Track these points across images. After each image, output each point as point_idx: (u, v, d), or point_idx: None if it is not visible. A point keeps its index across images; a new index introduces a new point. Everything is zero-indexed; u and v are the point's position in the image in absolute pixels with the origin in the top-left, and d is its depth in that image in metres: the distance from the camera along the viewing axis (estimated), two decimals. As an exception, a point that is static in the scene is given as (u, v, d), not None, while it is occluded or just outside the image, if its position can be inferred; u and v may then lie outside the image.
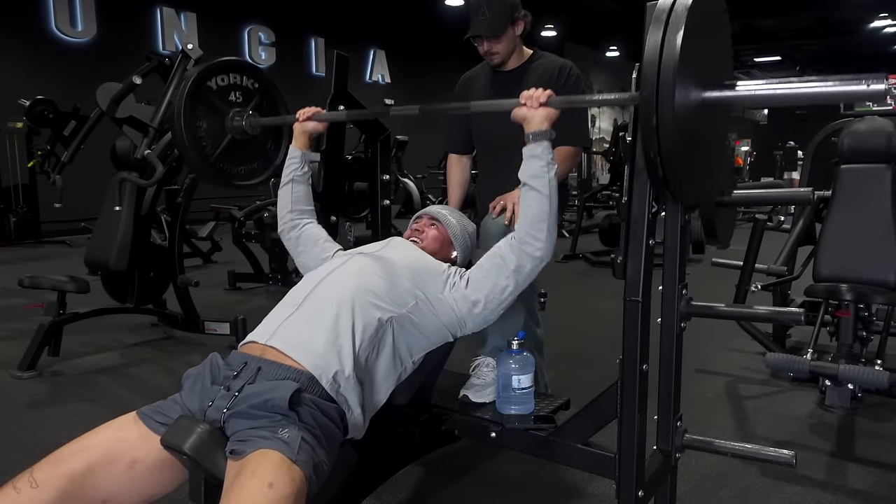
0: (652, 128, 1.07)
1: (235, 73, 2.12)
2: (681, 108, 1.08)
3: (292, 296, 1.53)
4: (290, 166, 1.87)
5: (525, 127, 1.49)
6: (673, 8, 1.11)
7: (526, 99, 1.46)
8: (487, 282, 1.53)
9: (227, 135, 2.09)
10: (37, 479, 1.16)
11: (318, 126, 1.88)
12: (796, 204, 3.16)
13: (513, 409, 1.67)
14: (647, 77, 1.08)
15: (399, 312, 1.48)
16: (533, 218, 1.48)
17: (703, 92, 1.16)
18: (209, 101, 2.03)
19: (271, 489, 1.08)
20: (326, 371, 1.32)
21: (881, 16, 14.74)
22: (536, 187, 1.48)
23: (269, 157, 2.25)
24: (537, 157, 1.48)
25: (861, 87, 1.03)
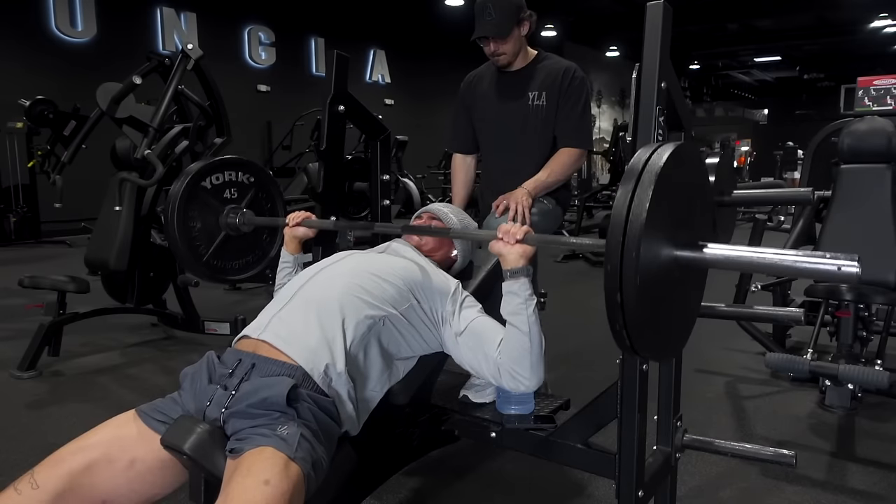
0: (616, 304, 1.04)
1: (231, 171, 2.12)
2: (648, 277, 1.04)
3: (286, 290, 1.54)
4: (283, 271, 1.83)
5: (502, 263, 1.45)
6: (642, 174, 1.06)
7: (503, 234, 1.42)
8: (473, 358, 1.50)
9: (221, 232, 2.09)
10: (37, 481, 1.16)
11: (308, 232, 1.85)
12: (796, 204, 3.16)
13: (513, 409, 1.67)
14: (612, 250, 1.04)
15: (392, 312, 1.46)
16: (515, 355, 1.43)
17: (675, 251, 1.13)
18: (203, 201, 2.04)
19: (267, 486, 1.08)
20: (317, 365, 1.31)
21: (881, 16, 14.75)
22: (516, 324, 1.43)
23: (265, 250, 2.23)
24: (514, 293, 1.43)
25: (832, 268, 1.03)
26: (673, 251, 1.12)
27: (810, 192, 1.86)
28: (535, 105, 2.23)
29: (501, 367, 1.45)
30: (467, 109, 2.40)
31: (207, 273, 2.10)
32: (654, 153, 1.10)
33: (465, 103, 2.41)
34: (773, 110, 25.66)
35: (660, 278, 1.10)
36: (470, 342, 1.51)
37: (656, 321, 1.13)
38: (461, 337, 1.51)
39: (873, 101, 3.32)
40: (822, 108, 19.02)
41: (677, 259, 1.13)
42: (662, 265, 1.10)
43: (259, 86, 11.51)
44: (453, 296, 1.56)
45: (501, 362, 1.45)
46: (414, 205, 7.23)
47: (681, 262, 1.14)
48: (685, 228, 1.17)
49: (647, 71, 1.33)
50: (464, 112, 2.42)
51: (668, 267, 1.12)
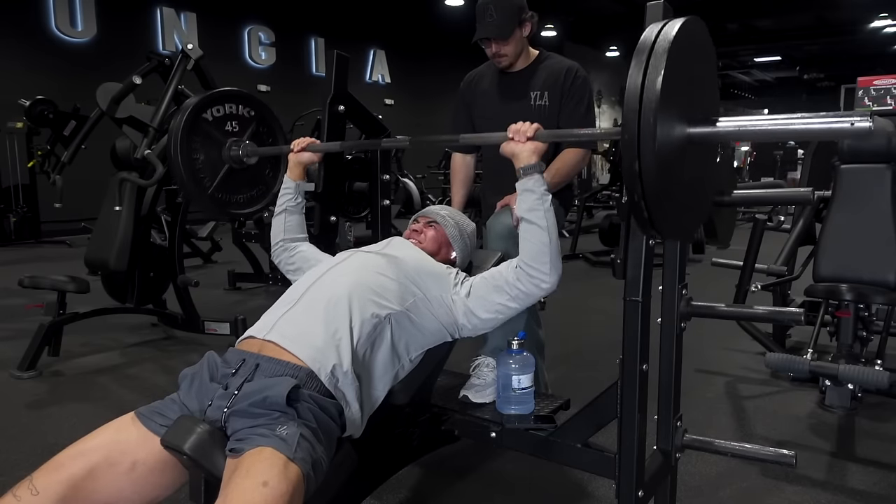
0: (635, 173, 1.05)
1: (231, 103, 2.12)
2: (664, 149, 1.06)
3: (291, 292, 1.54)
4: (284, 196, 1.88)
5: (515, 162, 1.50)
6: (654, 46, 1.08)
7: (513, 133, 1.47)
8: (487, 298, 1.55)
9: (224, 164, 2.09)
10: (37, 486, 1.15)
11: (312, 157, 1.88)
12: (796, 204, 3.16)
13: (513, 409, 1.67)
14: (628, 121, 1.05)
15: (397, 309, 1.48)
16: (534, 252, 1.48)
17: (688, 128, 1.14)
18: (206, 133, 2.04)
19: (266, 487, 1.08)
20: (325, 365, 1.32)
21: (881, 16, 14.75)
22: (533, 220, 1.48)
23: (268, 184, 2.26)
24: (530, 190, 1.48)
25: (845, 125, 1.02)
26: (686, 128, 1.14)
27: (810, 192, 1.86)
28: (537, 105, 2.21)
29: (520, 274, 1.50)
30: (468, 108, 2.39)
31: (212, 206, 2.11)
32: (665, 26, 1.10)
33: (466, 101, 2.39)
34: (773, 110, 25.64)
35: (675, 152, 1.11)
36: (481, 290, 1.56)
37: (672, 194, 1.13)
38: (470, 296, 1.56)
39: (873, 101, 3.33)
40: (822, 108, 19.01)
41: (691, 136, 1.14)
42: (677, 139, 1.11)
43: (259, 86, 11.51)
44: (455, 277, 1.63)
45: (519, 270, 1.50)
46: (414, 205, 7.23)
47: (694, 138, 1.15)
48: (696, 104, 1.18)
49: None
50: (464, 111, 2.40)
51: (682, 143, 1.13)
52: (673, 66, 1.05)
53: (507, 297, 1.53)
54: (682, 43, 1.08)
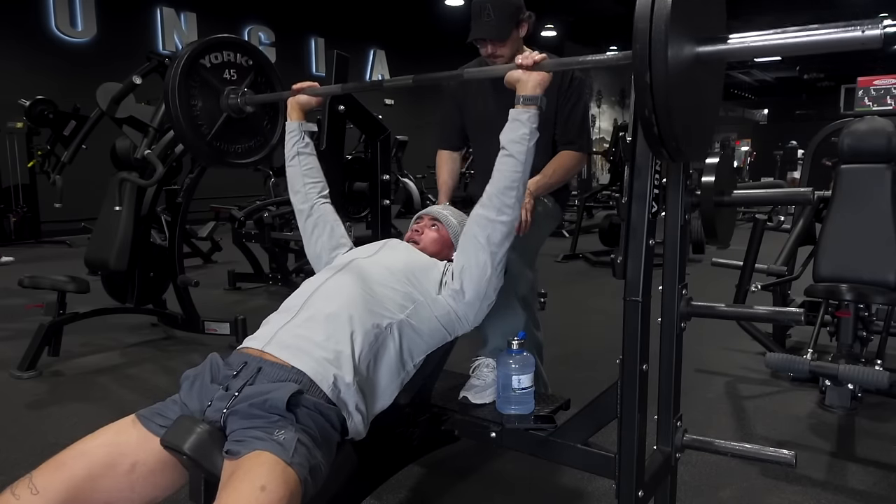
0: (646, 84, 1.05)
1: (229, 51, 2.08)
2: (674, 63, 1.06)
3: (290, 302, 1.53)
4: (291, 140, 1.85)
5: (518, 89, 1.48)
6: None
7: (522, 59, 1.46)
8: (468, 265, 1.54)
9: (222, 113, 2.06)
10: (36, 486, 1.15)
11: (310, 100, 1.85)
12: (796, 204, 3.16)
13: (513, 409, 1.67)
14: (640, 33, 1.05)
15: (399, 318, 1.47)
16: (505, 185, 1.48)
17: (697, 46, 1.13)
18: (203, 79, 2.01)
19: (263, 492, 1.08)
20: (326, 377, 1.31)
21: (881, 15, 14.76)
22: (513, 153, 1.48)
23: (266, 136, 2.22)
24: (522, 122, 1.47)
25: (856, 33, 1.01)
26: (695, 47, 1.13)
27: (810, 192, 1.85)
28: None
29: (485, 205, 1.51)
30: (458, 106, 2.33)
31: (210, 154, 2.08)
32: None
33: (456, 100, 2.32)
34: (773, 110, 25.67)
35: (685, 70, 1.10)
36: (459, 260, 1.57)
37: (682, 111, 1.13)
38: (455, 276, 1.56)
39: (873, 101, 3.32)
40: (822, 108, 19.04)
41: (699, 55, 1.14)
42: (687, 59, 1.11)
43: (259, 86, 11.51)
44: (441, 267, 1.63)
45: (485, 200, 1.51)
46: (414, 205, 7.23)
47: (703, 57, 1.14)
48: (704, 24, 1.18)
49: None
50: (453, 108, 2.34)
51: (692, 62, 1.12)
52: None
53: (480, 245, 1.51)
54: None
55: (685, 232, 1.52)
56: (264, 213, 4.86)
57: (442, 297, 1.56)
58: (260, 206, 5.00)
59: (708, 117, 1.31)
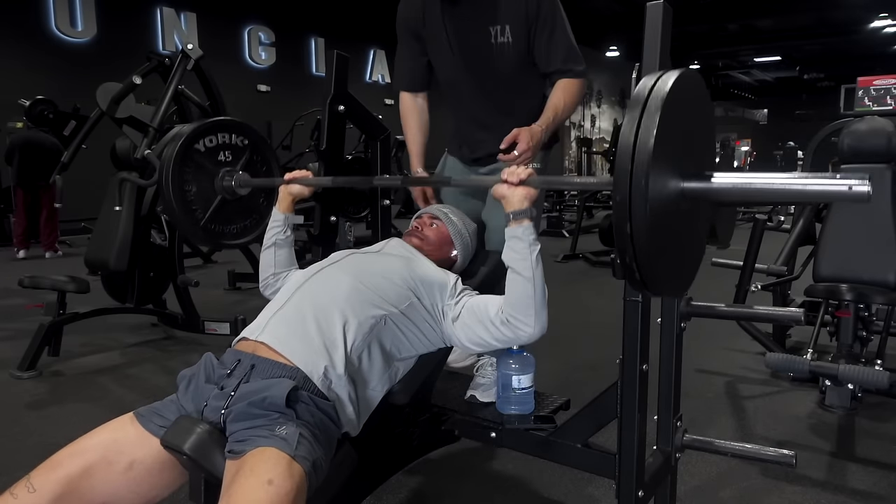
0: (626, 235, 1.03)
1: (224, 133, 2.08)
2: (656, 209, 1.03)
3: (284, 290, 1.53)
4: (273, 230, 1.79)
5: (505, 206, 1.44)
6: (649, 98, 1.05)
7: (507, 174, 1.41)
8: (473, 329, 1.51)
9: (217, 195, 2.06)
10: (34, 485, 1.15)
11: (303, 190, 1.81)
12: (796, 204, 3.16)
13: (513, 409, 1.67)
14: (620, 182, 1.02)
15: (394, 311, 1.46)
16: (519, 302, 1.43)
17: (682, 183, 1.11)
18: (198, 164, 2.01)
19: (271, 486, 1.08)
20: (316, 367, 1.31)
21: (881, 16, 14.76)
22: (519, 271, 1.43)
23: (262, 213, 2.19)
24: (518, 238, 1.43)
25: (843, 188, 1.00)
26: (680, 182, 1.11)
27: (810, 192, 1.86)
28: (499, 43, 1.87)
29: (502, 321, 1.45)
30: (414, 39, 2.01)
31: (205, 238, 2.08)
32: (660, 79, 1.07)
33: (411, 30, 2.00)
34: (773, 110, 25.67)
35: (668, 210, 1.08)
36: (467, 319, 1.51)
37: (665, 253, 1.11)
38: (458, 320, 1.52)
39: (873, 101, 3.32)
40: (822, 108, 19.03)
41: (684, 191, 1.11)
42: (670, 196, 1.09)
43: (259, 86, 11.52)
44: (452, 288, 1.57)
45: (503, 315, 1.45)
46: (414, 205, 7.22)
47: (688, 193, 1.12)
48: (691, 158, 1.16)
49: (647, 71, 1.33)
50: (407, 43, 2.04)
51: (676, 198, 1.10)
52: (666, 123, 1.03)
53: (490, 335, 1.48)
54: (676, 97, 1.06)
55: (685, 232, 1.52)
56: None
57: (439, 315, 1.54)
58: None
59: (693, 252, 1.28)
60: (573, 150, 18.33)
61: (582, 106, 20.23)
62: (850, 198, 1.01)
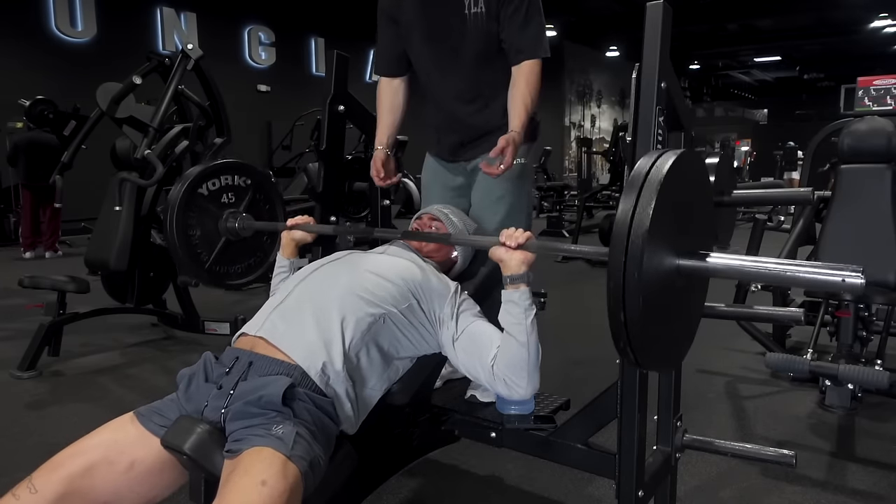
0: (620, 323, 1.04)
1: (227, 175, 2.10)
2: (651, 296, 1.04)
3: (284, 286, 1.54)
4: (279, 276, 1.81)
5: (502, 269, 1.44)
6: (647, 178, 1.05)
7: (506, 238, 1.42)
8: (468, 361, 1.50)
9: (221, 237, 2.07)
10: (35, 485, 1.16)
11: (305, 236, 1.82)
12: (796, 204, 3.16)
13: (513, 409, 1.67)
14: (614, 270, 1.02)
15: (393, 310, 1.45)
16: (512, 364, 1.42)
17: (678, 260, 1.11)
18: (202, 207, 2.03)
19: (264, 486, 1.08)
20: (315, 363, 1.31)
21: (881, 16, 14.76)
22: (514, 335, 1.42)
23: (266, 251, 2.21)
24: (515, 303, 1.42)
25: (836, 279, 1.00)
26: (675, 260, 1.11)
27: (810, 192, 1.86)
28: (472, 14, 1.84)
29: (496, 376, 1.44)
30: (391, 22, 2.00)
31: (210, 280, 2.09)
32: (656, 163, 1.07)
33: (388, 14, 1.99)
34: (773, 110, 25.66)
35: (663, 290, 1.09)
36: (467, 347, 1.50)
37: (660, 335, 1.12)
38: (458, 342, 1.51)
39: (873, 101, 3.33)
40: (822, 108, 19.04)
41: (680, 268, 1.12)
42: (665, 277, 1.09)
43: (259, 86, 11.52)
44: (452, 298, 1.55)
45: (497, 371, 1.44)
46: (414, 205, 7.23)
47: (683, 271, 1.12)
48: (687, 236, 1.16)
49: (646, 71, 1.33)
50: (384, 27, 2.02)
51: (671, 277, 1.11)
52: (663, 207, 1.03)
53: (483, 378, 1.48)
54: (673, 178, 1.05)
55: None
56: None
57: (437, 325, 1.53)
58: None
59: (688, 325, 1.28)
60: (573, 150, 18.34)
61: (582, 106, 20.24)
62: (844, 289, 1.01)
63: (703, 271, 1.14)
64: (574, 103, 19.87)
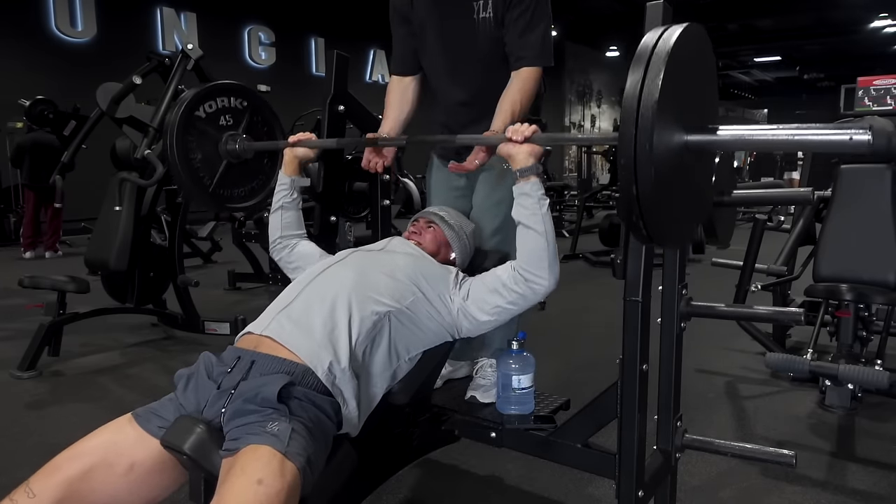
0: (632, 197, 1.05)
1: (223, 97, 2.09)
2: (661, 168, 1.04)
3: (290, 288, 1.54)
4: (280, 193, 1.85)
5: (511, 164, 1.48)
6: (650, 59, 1.04)
7: (512, 133, 1.45)
8: (486, 300, 1.54)
9: (222, 160, 2.07)
10: (33, 490, 1.15)
11: (308, 152, 1.85)
12: (796, 204, 3.16)
13: (513, 409, 1.67)
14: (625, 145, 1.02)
15: (397, 307, 1.47)
16: (532, 257, 1.48)
17: (686, 136, 1.12)
18: (200, 130, 2.02)
19: (261, 486, 1.08)
20: (321, 361, 1.31)
21: (881, 16, 14.76)
22: (531, 225, 1.47)
23: (267, 175, 2.22)
24: (527, 194, 1.47)
25: (844, 137, 1.01)
26: (684, 136, 1.12)
27: (810, 192, 1.86)
28: (481, 18, 1.83)
29: (518, 276, 1.49)
30: (403, 22, 2.00)
31: (215, 203, 2.11)
32: (662, 36, 1.07)
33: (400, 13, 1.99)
34: (773, 110, 25.65)
35: (673, 165, 1.09)
36: (478, 293, 1.55)
37: (671, 209, 1.13)
38: (468, 299, 1.55)
39: (873, 101, 3.32)
40: (822, 108, 19.03)
41: (688, 144, 1.12)
42: (675, 153, 1.10)
43: (259, 86, 11.49)
44: (454, 278, 1.61)
45: (519, 271, 1.49)
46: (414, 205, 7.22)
47: (692, 146, 1.13)
48: (695, 112, 1.16)
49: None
50: (397, 27, 2.03)
51: (681, 153, 1.11)
52: (671, 80, 1.03)
53: (505, 300, 1.52)
54: (680, 52, 1.06)
55: (685, 232, 1.52)
56: (264, 213, 4.86)
57: (445, 302, 1.56)
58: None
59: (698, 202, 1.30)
60: (573, 150, 18.33)
61: (582, 106, 20.24)
62: (851, 147, 1.01)
63: (712, 144, 1.16)
64: (574, 103, 19.87)
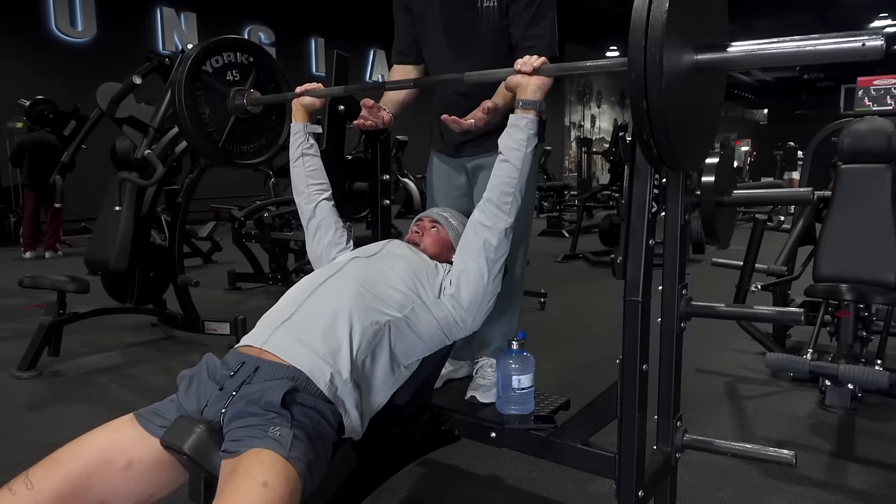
0: (643, 112, 1.05)
1: (229, 52, 2.09)
2: (672, 84, 1.04)
3: (287, 299, 1.52)
4: (296, 142, 1.86)
5: (518, 93, 1.48)
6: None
7: (521, 65, 1.46)
8: (465, 270, 1.55)
9: (230, 116, 2.08)
10: (32, 481, 1.15)
11: (314, 101, 1.86)
12: (796, 204, 3.16)
13: (513, 409, 1.67)
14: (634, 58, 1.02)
15: (397, 316, 1.47)
16: (501, 191, 1.50)
17: (696, 55, 1.11)
18: (208, 85, 2.03)
19: (266, 488, 1.08)
20: (323, 373, 1.31)
21: (881, 16, 14.75)
22: (510, 159, 1.49)
23: (276, 131, 2.24)
24: (520, 128, 1.48)
25: (856, 45, 0.99)
26: (694, 55, 1.11)
27: (810, 192, 1.85)
28: (485, 7, 1.84)
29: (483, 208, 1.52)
30: (405, 12, 2.02)
31: (225, 159, 2.10)
32: None
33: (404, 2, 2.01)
34: (773, 110, 25.68)
35: (683, 83, 1.08)
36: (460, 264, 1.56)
37: (681, 128, 1.12)
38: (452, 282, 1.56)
39: (873, 101, 3.32)
40: (822, 108, 19.04)
41: (698, 63, 1.11)
42: (685, 69, 1.09)
43: (259, 86, 11.52)
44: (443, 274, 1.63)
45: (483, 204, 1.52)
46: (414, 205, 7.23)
47: (702, 65, 1.12)
48: (705, 30, 1.15)
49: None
50: (400, 17, 2.04)
51: (691, 70, 1.10)
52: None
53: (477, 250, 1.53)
54: None
55: (685, 232, 1.52)
56: (264, 213, 4.87)
57: (442, 301, 1.56)
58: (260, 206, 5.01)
59: (708, 125, 1.30)
60: (573, 151, 18.34)
61: (582, 106, 20.23)
62: (864, 53, 0.99)
63: (724, 62, 1.14)
64: (574, 103, 19.87)
